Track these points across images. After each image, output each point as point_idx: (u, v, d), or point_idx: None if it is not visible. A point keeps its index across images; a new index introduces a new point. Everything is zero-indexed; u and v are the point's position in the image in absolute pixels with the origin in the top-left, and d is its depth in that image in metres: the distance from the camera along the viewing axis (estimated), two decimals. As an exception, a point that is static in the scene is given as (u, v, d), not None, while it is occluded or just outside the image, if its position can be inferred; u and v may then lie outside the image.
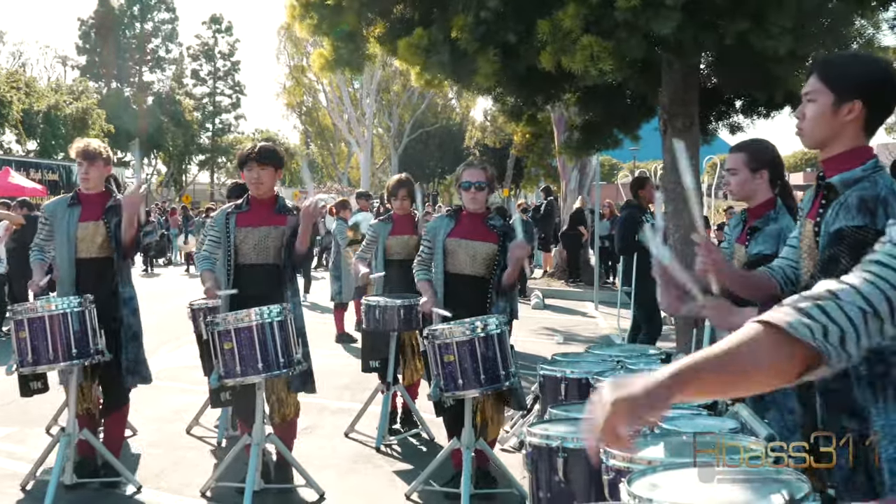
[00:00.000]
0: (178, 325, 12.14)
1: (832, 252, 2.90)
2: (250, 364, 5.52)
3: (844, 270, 2.13)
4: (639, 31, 7.49)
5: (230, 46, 69.62)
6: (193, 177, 71.44)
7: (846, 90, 3.00)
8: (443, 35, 8.47)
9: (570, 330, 14.48)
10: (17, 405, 7.85)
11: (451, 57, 8.57)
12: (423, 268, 6.18)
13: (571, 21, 7.51)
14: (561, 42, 7.64)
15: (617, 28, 7.54)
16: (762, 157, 4.51)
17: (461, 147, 51.19)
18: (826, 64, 3.11)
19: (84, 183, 6.29)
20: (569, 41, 7.60)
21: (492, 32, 8.23)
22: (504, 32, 8.18)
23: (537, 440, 3.51)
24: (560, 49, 7.67)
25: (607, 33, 7.58)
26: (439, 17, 8.68)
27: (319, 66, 10.20)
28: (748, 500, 2.44)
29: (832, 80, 3.02)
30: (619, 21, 7.46)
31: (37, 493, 5.96)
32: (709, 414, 3.76)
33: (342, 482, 6.46)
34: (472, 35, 8.20)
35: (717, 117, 10.39)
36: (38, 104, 45.11)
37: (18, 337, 5.79)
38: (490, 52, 8.27)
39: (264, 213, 6.08)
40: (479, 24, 8.20)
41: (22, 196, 20.60)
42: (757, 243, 4.33)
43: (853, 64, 3.13)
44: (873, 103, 2.99)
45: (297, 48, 53.12)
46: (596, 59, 7.48)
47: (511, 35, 8.16)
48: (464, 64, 8.57)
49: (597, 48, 7.45)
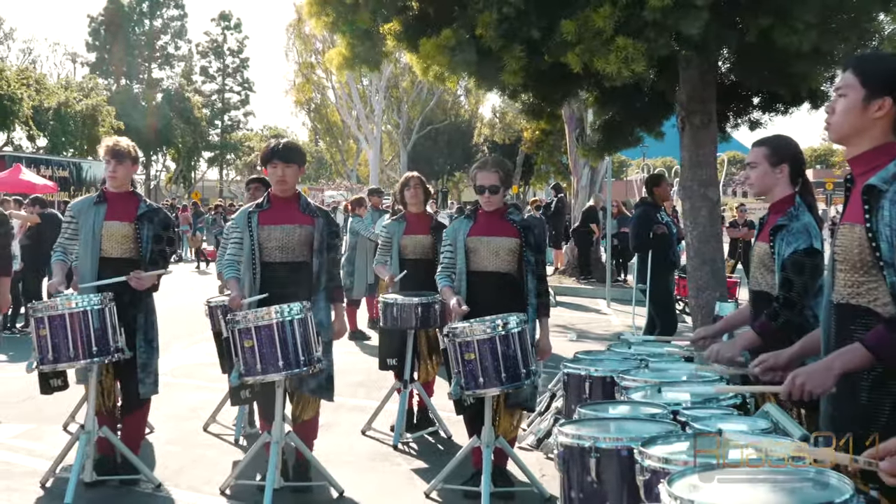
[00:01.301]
0: (191, 322, 12.16)
1: None
2: (270, 362, 5.50)
3: None
4: (667, 31, 7.45)
5: (239, 43, 69.75)
6: (202, 174, 71.60)
7: (878, 87, 3.03)
8: (467, 33, 8.43)
9: (583, 327, 14.45)
10: (33, 402, 7.86)
11: (478, 55, 8.52)
12: (446, 274, 6.12)
13: (604, 21, 7.46)
14: (590, 43, 7.59)
15: (645, 28, 7.50)
16: (783, 151, 4.47)
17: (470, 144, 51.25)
18: (860, 60, 3.15)
19: (111, 181, 6.29)
20: (599, 42, 7.55)
21: (515, 29, 8.19)
22: (527, 29, 8.13)
23: (569, 440, 3.49)
24: (588, 50, 7.62)
25: (636, 33, 7.54)
26: (461, 14, 8.63)
27: (337, 65, 10.16)
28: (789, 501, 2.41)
29: (865, 76, 3.06)
30: (649, 21, 7.42)
31: (56, 491, 5.95)
32: (739, 414, 3.74)
33: (361, 480, 6.44)
34: (496, 32, 8.16)
35: (736, 114, 10.34)
36: (48, 101, 45.16)
37: (39, 334, 5.78)
38: (516, 49, 8.22)
39: (288, 212, 6.04)
40: (502, 20, 8.16)
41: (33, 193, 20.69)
42: (787, 242, 4.28)
43: (887, 62, 3.18)
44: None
45: (306, 45, 53.08)
46: (630, 60, 7.44)
47: (535, 31, 8.12)
48: (489, 62, 8.53)
49: (632, 50, 7.40)
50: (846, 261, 3.06)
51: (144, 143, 59.14)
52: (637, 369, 4.88)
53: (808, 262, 4.23)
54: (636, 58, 7.42)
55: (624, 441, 3.35)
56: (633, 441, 3.23)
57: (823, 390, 3.02)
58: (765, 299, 4.45)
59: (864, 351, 2.90)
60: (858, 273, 3.02)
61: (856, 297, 3.04)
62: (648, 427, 3.52)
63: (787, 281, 4.25)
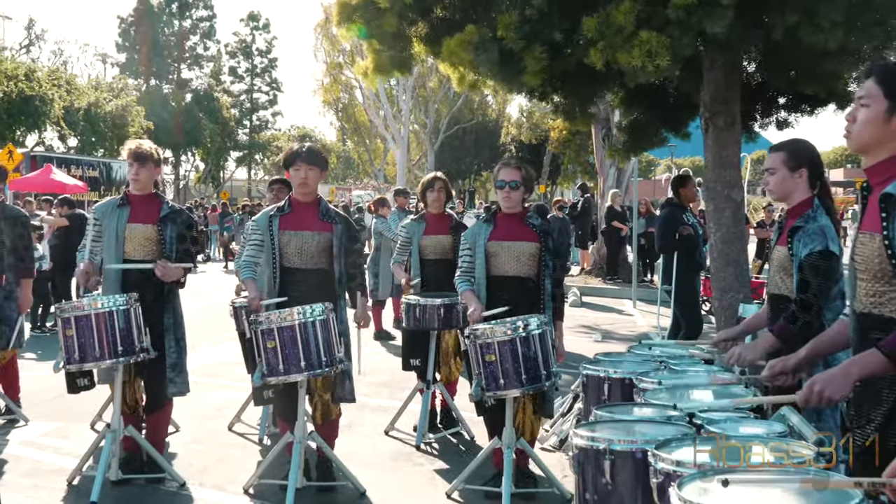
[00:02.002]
0: (217, 322, 12.25)
1: None
2: (293, 363, 5.56)
3: None
4: (691, 29, 7.43)
5: (267, 44, 69.98)
6: (231, 173, 71.89)
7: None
8: (491, 33, 8.44)
9: (608, 328, 14.43)
10: (62, 401, 7.95)
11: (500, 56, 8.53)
12: (466, 278, 6.11)
13: (625, 17, 7.46)
14: (612, 39, 7.58)
15: (668, 25, 7.48)
16: (801, 156, 4.46)
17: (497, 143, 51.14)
18: (885, 69, 3.08)
19: (134, 184, 6.36)
20: (621, 38, 7.55)
21: (536, 31, 8.20)
22: (549, 30, 8.14)
23: (584, 442, 3.51)
24: (610, 46, 7.61)
25: (659, 31, 7.52)
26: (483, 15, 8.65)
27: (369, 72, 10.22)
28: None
29: (889, 88, 3.01)
30: (672, 19, 7.40)
31: (83, 489, 6.04)
32: (755, 417, 3.74)
33: (383, 480, 6.49)
34: (517, 34, 8.17)
35: (763, 114, 10.29)
36: (78, 101, 45.56)
37: (65, 335, 5.87)
38: (536, 50, 8.23)
39: (307, 217, 6.08)
40: (524, 22, 8.17)
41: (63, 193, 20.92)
42: (803, 244, 4.28)
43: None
44: None
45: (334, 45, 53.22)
46: (654, 54, 7.42)
47: (557, 33, 8.12)
48: (510, 63, 8.54)
49: (655, 44, 7.38)
50: (867, 270, 3.05)
51: (173, 143, 59.59)
52: (656, 371, 4.88)
53: (823, 265, 4.23)
54: (660, 52, 7.40)
55: (638, 443, 3.37)
56: (648, 443, 3.25)
57: (841, 396, 3.02)
58: (783, 303, 4.45)
59: (882, 357, 2.90)
60: (879, 283, 3.00)
61: (878, 306, 3.03)
62: (664, 430, 3.53)
63: (804, 282, 4.25)
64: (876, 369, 2.91)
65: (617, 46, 7.63)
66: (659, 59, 7.48)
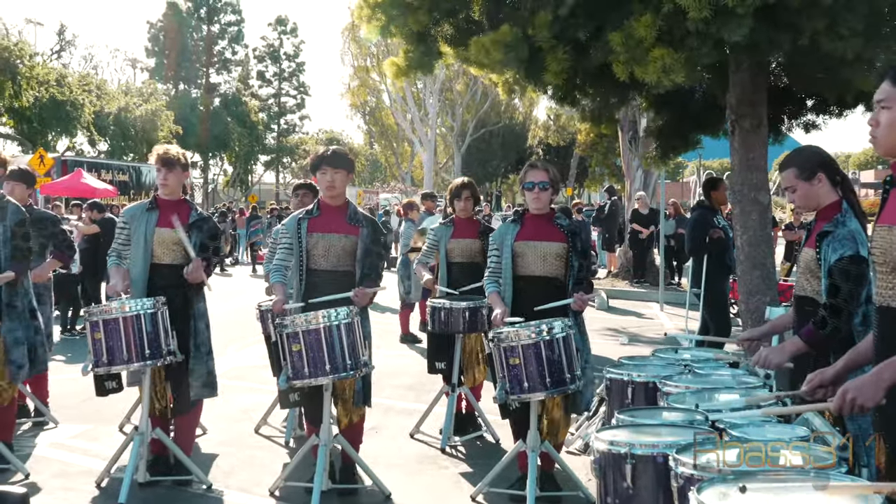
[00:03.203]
0: (245, 325, 12.31)
1: None
2: (318, 366, 5.58)
3: None
4: (710, 38, 7.41)
5: (295, 48, 70.34)
6: (259, 177, 72.31)
7: None
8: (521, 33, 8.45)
9: (635, 330, 14.38)
10: (91, 403, 8.03)
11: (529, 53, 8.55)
12: (493, 279, 6.09)
13: (645, 30, 7.45)
14: (633, 51, 7.58)
15: (688, 36, 7.47)
16: (812, 162, 4.42)
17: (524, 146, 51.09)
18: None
19: (163, 189, 6.42)
20: (640, 51, 7.55)
21: (564, 30, 8.21)
22: (574, 30, 8.15)
23: (605, 446, 3.51)
24: (631, 59, 7.62)
25: (679, 42, 7.51)
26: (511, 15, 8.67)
27: (394, 74, 10.26)
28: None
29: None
30: (691, 30, 7.39)
31: (111, 490, 6.09)
32: (779, 421, 3.73)
33: (408, 483, 6.51)
34: (549, 32, 8.18)
35: (790, 116, 10.24)
36: (108, 106, 46.02)
37: (94, 338, 5.93)
38: (560, 49, 8.24)
39: (335, 220, 6.10)
40: (555, 20, 8.17)
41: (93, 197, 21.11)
42: (833, 249, 4.25)
43: None
44: None
45: (362, 49, 53.38)
46: (668, 70, 7.42)
47: (581, 32, 8.13)
48: (536, 61, 8.56)
49: (668, 60, 7.38)
50: (886, 263, 3.02)
51: (202, 147, 59.99)
52: (680, 375, 4.87)
53: (853, 270, 4.19)
54: (675, 68, 7.40)
55: (659, 448, 3.37)
56: (669, 448, 3.24)
57: (874, 403, 2.98)
58: (809, 305, 4.42)
59: None
60: None
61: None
62: (686, 434, 3.52)
63: (834, 287, 4.22)
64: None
65: (636, 59, 7.64)
66: (674, 74, 7.48)
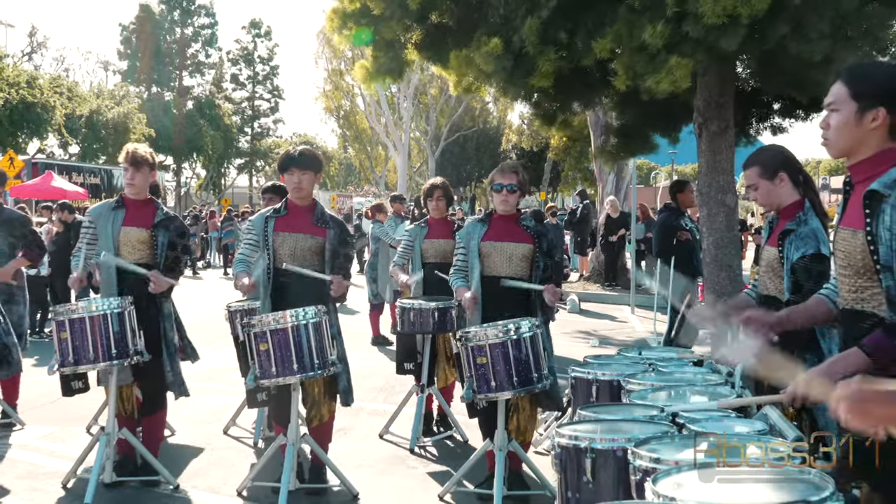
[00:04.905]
0: (215, 327, 12.26)
1: None
2: (286, 365, 5.59)
3: None
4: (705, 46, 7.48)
5: (269, 51, 70.11)
6: (232, 180, 72.01)
7: (869, 98, 2.99)
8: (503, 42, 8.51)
9: (606, 333, 14.45)
10: (58, 405, 8.00)
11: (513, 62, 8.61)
12: (460, 275, 6.15)
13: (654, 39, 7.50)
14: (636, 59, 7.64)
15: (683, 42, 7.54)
16: (773, 162, 4.49)
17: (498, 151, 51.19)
18: (848, 73, 3.09)
19: (130, 188, 6.40)
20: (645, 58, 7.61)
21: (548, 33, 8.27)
22: (555, 32, 8.21)
23: (566, 441, 3.54)
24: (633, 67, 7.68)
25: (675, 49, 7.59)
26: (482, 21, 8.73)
27: (362, 78, 10.30)
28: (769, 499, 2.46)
29: (855, 89, 3.02)
30: (692, 37, 7.46)
31: (77, 491, 6.07)
32: (738, 416, 3.78)
33: (376, 482, 6.52)
34: (537, 37, 8.24)
35: (759, 119, 10.35)
36: (80, 109, 45.72)
37: (60, 337, 5.91)
38: (550, 52, 8.29)
39: (302, 220, 6.11)
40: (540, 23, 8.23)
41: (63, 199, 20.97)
42: (795, 247, 4.31)
43: (876, 71, 3.12)
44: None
45: (336, 53, 53.40)
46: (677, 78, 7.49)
47: (562, 34, 8.19)
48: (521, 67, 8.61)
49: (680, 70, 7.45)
50: (849, 266, 3.07)
51: (175, 150, 59.69)
52: (644, 373, 4.91)
53: (815, 268, 4.26)
54: (683, 75, 7.48)
55: (619, 441, 3.40)
56: (629, 442, 3.28)
57: (825, 396, 3.04)
58: (772, 304, 4.48)
59: (863, 355, 2.92)
60: (862, 278, 3.03)
61: (860, 302, 3.06)
62: (646, 428, 3.56)
63: (797, 285, 4.28)
64: (859, 368, 2.92)
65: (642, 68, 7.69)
66: (681, 81, 7.56)
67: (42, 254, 8.31)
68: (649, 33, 7.56)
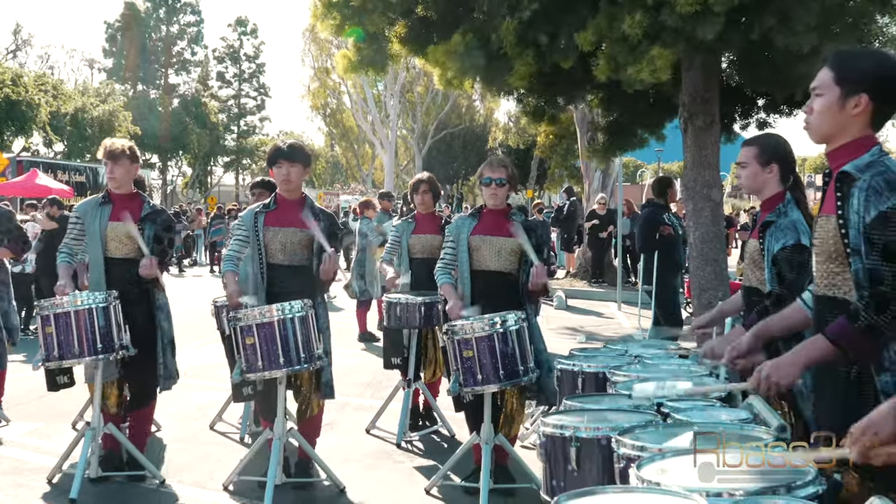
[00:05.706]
0: (203, 324, 12.23)
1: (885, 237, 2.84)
2: (272, 359, 5.58)
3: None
4: (683, 36, 7.51)
5: (255, 49, 69.92)
6: (219, 178, 71.82)
7: (853, 84, 3.01)
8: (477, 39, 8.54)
9: (593, 329, 14.48)
10: (44, 401, 7.97)
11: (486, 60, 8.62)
12: (446, 271, 6.16)
13: (633, 29, 7.53)
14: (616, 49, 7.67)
15: (662, 33, 7.57)
16: (773, 151, 4.51)
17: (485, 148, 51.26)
18: (835, 58, 3.11)
19: (111, 182, 6.39)
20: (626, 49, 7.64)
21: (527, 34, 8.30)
22: (536, 34, 8.24)
23: (551, 429, 3.56)
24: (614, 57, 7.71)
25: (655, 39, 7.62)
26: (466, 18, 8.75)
27: (343, 68, 10.29)
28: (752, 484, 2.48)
29: (839, 75, 3.04)
30: (669, 27, 7.50)
31: (63, 487, 6.05)
32: (722, 405, 3.80)
33: (363, 477, 6.53)
34: (515, 38, 8.27)
35: (743, 115, 10.39)
36: (65, 107, 45.55)
37: (45, 332, 5.90)
38: (528, 53, 8.32)
39: (292, 214, 6.09)
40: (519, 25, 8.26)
41: (51, 196, 20.86)
42: (776, 238, 4.33)
43: (861, 58, 3.13)
44: (880, 97, 3.01)
45: (322, 50, 53.32)
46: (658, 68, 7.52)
47: (542, 36, 8.22)
48: (497, 66, 8.63)
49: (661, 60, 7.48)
50: (823, 252, 3.09)
51: (161, 148, 59.50)
52: (629, 365, 4.93)
53: (796, 258, 4.27)
54: (663, 65, 7.51)
55: (603, 430, 3.42)
56: (613, 430, 3.29)
57: (790, 382, 3.06)
58: (756, 295, 4.50)
59: (827, 342, 2.93)
60: (834, 264, 3.04)
61: (832, 288, 3.07)
62: (631, 417, 3.58)
63: (779, 276, 4.30)
64: (823, 355, 2.93)
65: (622, 58, 7.72)
66: (660, 72, 7.58)
67: (26, 248, 8.28)
68: (628, 24, 7.59)
